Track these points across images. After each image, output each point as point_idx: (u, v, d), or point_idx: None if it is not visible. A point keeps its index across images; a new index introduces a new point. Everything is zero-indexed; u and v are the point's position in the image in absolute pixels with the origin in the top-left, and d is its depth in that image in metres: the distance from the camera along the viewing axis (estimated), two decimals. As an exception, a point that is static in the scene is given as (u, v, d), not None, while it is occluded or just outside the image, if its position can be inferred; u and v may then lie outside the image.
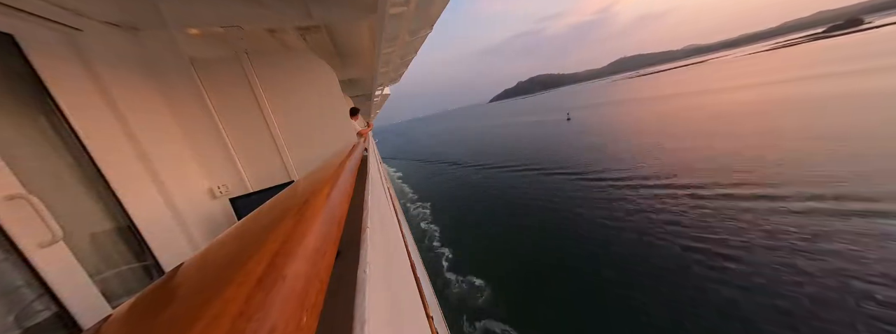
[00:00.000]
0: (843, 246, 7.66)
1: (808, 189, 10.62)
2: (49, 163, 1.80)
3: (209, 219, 2.83)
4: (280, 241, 0.37)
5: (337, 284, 0.64)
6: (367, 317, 0.58)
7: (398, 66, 6.30)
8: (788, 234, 8.49)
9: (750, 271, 7.43)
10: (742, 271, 7.48)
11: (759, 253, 7.97)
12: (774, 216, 9.53)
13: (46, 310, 1.48)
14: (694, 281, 7.54)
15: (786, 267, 7.35)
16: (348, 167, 1.07)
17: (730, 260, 7.95)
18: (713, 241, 8.83)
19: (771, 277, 7.11)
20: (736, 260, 7.87)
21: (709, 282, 7.36)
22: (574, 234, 11.10)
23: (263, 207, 0.60)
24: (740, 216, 9.84)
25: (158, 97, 2.64)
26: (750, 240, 8.54)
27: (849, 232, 8.11)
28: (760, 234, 8.74)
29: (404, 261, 2.12)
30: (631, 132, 26.45)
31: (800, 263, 7.36)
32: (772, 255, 7.81)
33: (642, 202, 12.31)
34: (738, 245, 8.46)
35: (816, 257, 7.45)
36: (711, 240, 8.88)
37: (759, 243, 8.37)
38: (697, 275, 7.68)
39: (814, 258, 7.43)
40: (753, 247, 8.24)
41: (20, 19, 1.69)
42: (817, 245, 7.87)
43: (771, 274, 7.22)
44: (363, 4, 2.86)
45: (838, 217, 8.84)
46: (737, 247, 8.39)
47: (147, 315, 0.29)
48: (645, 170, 16.05)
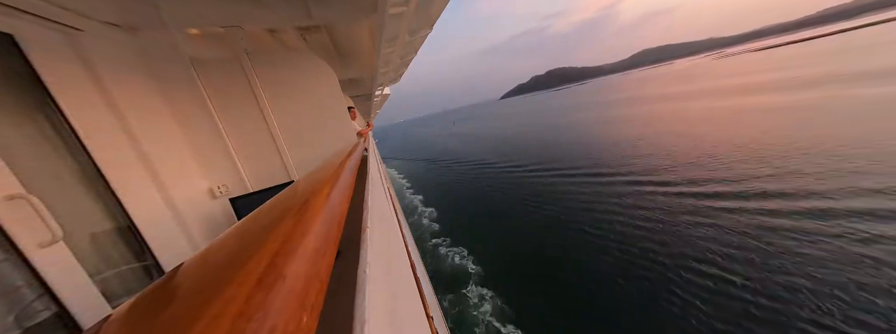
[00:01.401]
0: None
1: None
2: (49, 163, 1.80)
3: (209, 219, 2.83)
4: (280, 241, 0.37)
5: (337, 284, 0.64)
6: (367, 317, 0.58)
7: (398, 65, 6.30)
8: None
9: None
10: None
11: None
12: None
13: (46, 310, 1.48)
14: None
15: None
16: (348, 167, 1.07)
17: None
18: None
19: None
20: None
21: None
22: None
23: (263, 207, 0.60)
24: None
25: (158, 97, 2.64)
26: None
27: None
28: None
29: (404, 261, 2.12)
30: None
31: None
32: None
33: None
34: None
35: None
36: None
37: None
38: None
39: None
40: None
41: (20, 19, 1.69)
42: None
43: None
44: (363, 4, 2.86)
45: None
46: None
47: (147, 315, 0.29)
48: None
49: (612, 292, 7.58)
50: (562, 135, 31.41)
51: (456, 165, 27.90)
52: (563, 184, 15.64)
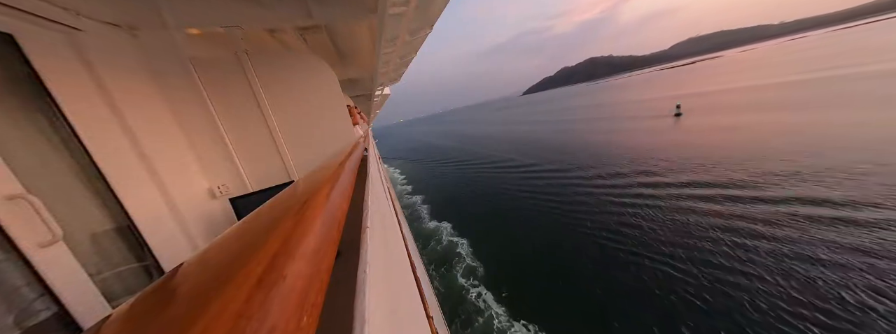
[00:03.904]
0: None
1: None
2: (49, 163, 1.80)
3: (209, 219, 2.83)
4: (280, 242, 0.37)
5: (337, 284, 0.64)
6: (367, 317, 0.58)
7: (398, 65, 6.30)
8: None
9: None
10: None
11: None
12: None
13: (46, 310, 1.48)
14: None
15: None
16: (348, 167, 1.07)
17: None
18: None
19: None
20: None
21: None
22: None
23: (263, 207, 0.60)
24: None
25: (158, 97, 2.64)
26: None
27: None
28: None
29: (404, 261, 2.12)
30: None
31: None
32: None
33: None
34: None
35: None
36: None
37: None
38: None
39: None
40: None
41: (20, 19, 1.69)
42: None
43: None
44: (363, 4, 2.86)
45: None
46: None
47: (147, 315, 0.29)
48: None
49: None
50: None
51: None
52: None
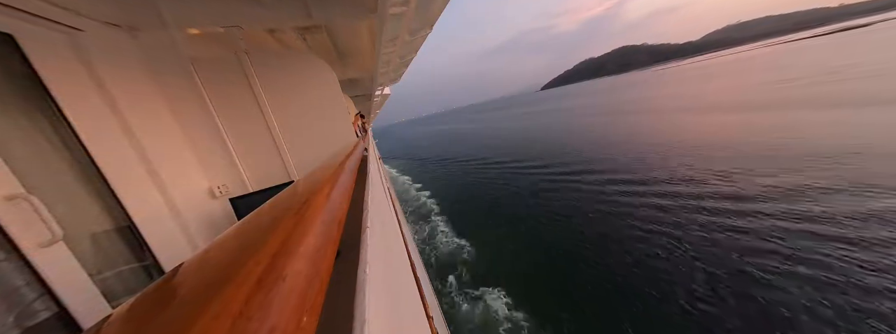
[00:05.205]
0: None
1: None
2: (49, 163, 1.80)
3: (209, 219, 2.83)
4: (280, 241, 0.37)
5: (337, 284, 0.64)
6: (367, 317, 0.58)
7: (398, 65, 6.31)
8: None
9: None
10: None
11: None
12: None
13: (46, 310, 1.48)
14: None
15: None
16: (348, 167, 1.07)
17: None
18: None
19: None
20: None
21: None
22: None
23: (263, 207, 0.60)
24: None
25: (158, 97, 2.64)
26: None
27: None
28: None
29: (404, 261, 2.12)
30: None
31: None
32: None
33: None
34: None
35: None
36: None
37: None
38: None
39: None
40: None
41: (20, 19, 1.69)
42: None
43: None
44: (363, 4, 2.86)
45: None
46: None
47: (147, 315, 0.29)
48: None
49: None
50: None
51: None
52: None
